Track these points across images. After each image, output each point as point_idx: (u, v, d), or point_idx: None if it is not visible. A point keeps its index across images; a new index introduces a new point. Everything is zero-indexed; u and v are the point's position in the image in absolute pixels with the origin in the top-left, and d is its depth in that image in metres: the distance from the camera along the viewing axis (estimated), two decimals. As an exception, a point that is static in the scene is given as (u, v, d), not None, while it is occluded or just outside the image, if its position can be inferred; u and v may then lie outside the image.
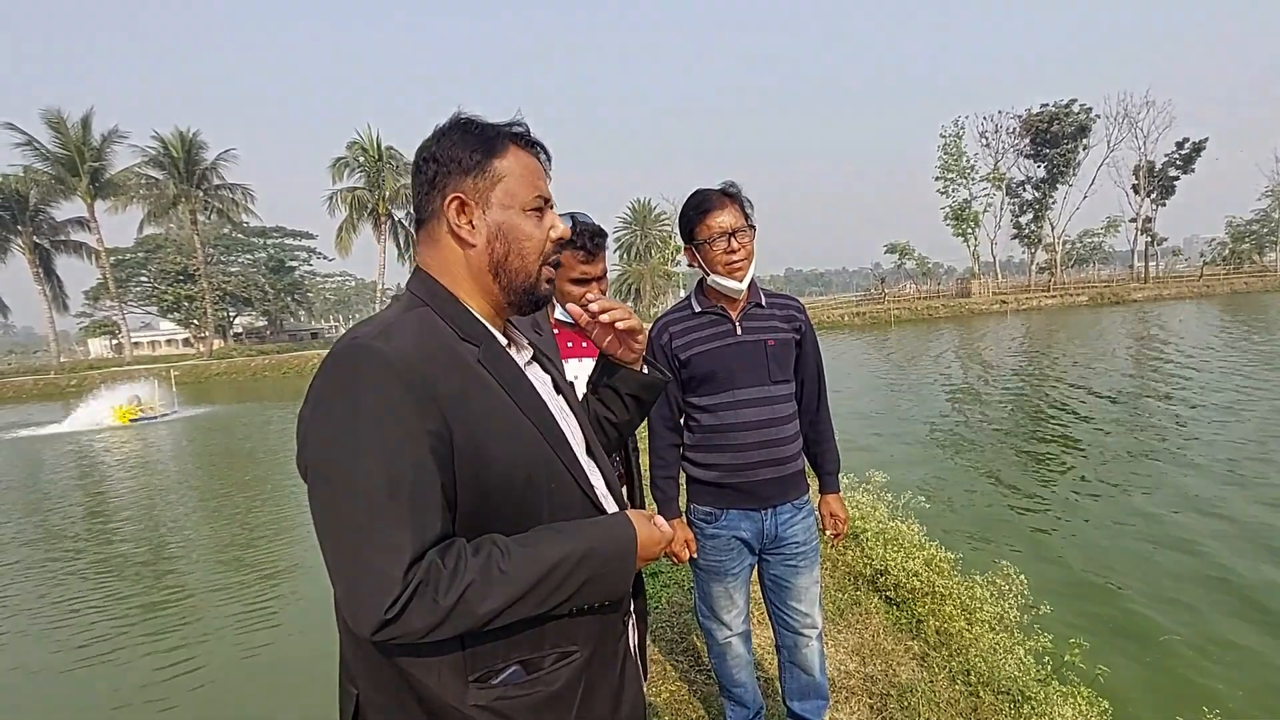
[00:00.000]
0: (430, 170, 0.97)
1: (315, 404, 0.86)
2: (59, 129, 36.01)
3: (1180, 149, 46.71)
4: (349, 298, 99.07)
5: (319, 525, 0.83)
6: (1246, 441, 7.93)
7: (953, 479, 7.52)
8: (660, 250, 54.86)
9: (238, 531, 7.67)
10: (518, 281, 1.01)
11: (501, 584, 0.82)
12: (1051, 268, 49.04)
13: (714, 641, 2.18)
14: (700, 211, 1.91)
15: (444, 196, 0.97)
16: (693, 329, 2.01)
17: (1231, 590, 4.49)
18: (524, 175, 1.00)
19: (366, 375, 0.84)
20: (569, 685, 0.94)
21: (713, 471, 2.01)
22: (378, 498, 0.80)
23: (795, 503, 2.05)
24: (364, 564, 0.79)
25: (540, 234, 1.01)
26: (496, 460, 0.89)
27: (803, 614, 2.09)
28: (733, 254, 1.90)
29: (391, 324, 0.90)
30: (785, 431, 2.00)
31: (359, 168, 40.16)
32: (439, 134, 0.99)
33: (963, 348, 22.92)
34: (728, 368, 1.96)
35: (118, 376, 28.65)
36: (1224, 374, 12.78)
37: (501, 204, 0.98)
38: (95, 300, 54.04)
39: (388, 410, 0.82)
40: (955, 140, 46.01)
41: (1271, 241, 50.70)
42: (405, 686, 0.89)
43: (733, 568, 2.06)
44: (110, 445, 15.21)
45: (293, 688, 4.19)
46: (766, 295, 2.06)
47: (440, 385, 0.86)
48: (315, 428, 0.85)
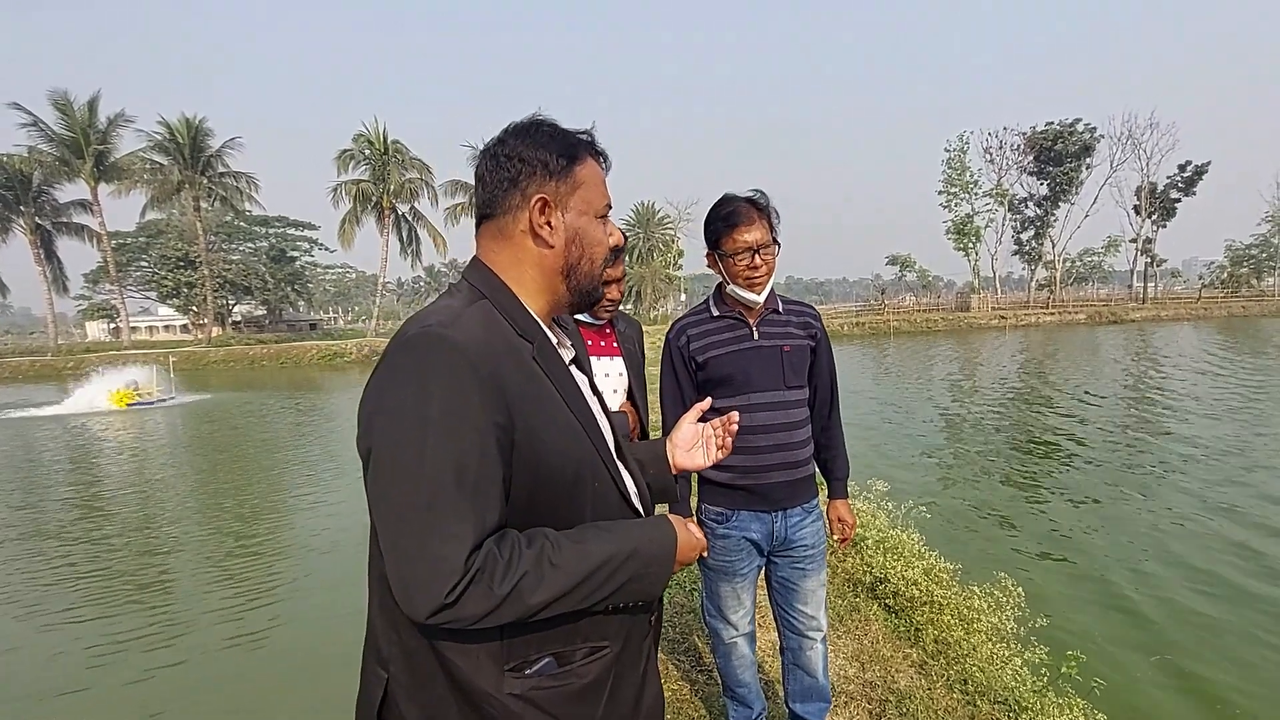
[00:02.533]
0: (514, 168, 0.98)
1: (383, 388, 0.88)
2: (65, 111, 35.92)
3: (1182, 171, 47.01)
4: (349, 290, 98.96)
5: (380, 507, 0.85)
6: (1228, 454, 7.99)
7: (949, 494, 7.56)
8: (663, 254, 54.94)
9: (230, 519, 7.69)
10: (585, 285, 1.04)
11: (552, 576, 0.85)
12: (1051, 285, 49.21)
13: (720, 641, 2.21)
14: (729, 225, 1.94)
15: (525, 195, 0.98)
16: (710, 332, 2.05)
17: (1229, 606, 4.54)
18: (598, 184, 1.04)
19: (439, 363, 0.85)
20: (599, 679, 0.97)
21: (726, 473, 2.03)
22: (445, 485, 0.82)
23: (805, 506, 2.09)
24: (427, 550, 0.81)
25: (606, 240, 1.06)
26: (550, 455, 0.92)
27: (809, 616, 2.12)
28: (755, 269, 1.93)
29: (460, 314, 0.92)
30: (798, 436, 2.05)
31: (364, 160, 40.18)
32: (519, 133, 1.00)
33: (964, 364, 22.98)
34: (744, 371, 1.99)
35: (115, 360, 28.51)
36: (1217, 399, 12.86)
37: (579, 209, 1.01)
38: (95, 283, 53.87)
39: (459, 399, 0.84)
40: (960, 155, 46.23)
41: (1270, 267, 50.91)
42: (441, 673, 0.91)
43: (741, 568, 2.09)
44: (107, 428, 15.20)
45: (287, 674, 4.21)
46: (784, 302, 2.10)
47: (506, 378, 0.88)
48: (384, 412, 0.86)
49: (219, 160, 40.32)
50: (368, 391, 0.90)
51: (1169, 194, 47.62)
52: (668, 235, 56.28)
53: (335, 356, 35.53)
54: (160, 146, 38.42)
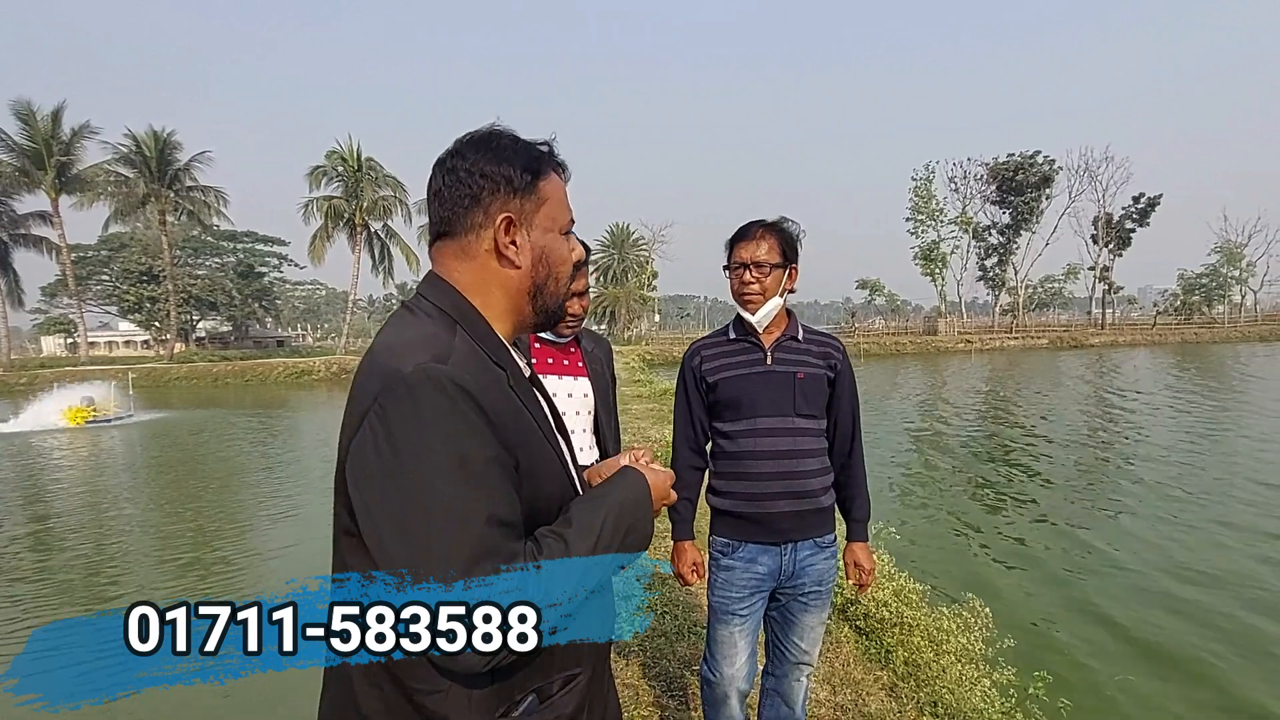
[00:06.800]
0: (475, 185, 0.93)
1: (380, 431, 0.82)
2: (28, 121, 34.99)
3: (1136, 203, 49.08)
4: (319, 307, 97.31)
5: (390, 555, 0.81)
6: (1184, 479, 8.24)
7: (919, 514, 7.65)
8: (637, 275, 55.25)
9: (185, 541, 7.42)
10: (551, 304, 1.02)
11: (570, 561, 0.86)
12: (1014, 310, 50.63)
13: (709, 690, 2.10)
14: (733, 240, 1.98)
15: (489, 214, 0.94)
16: (724, 354, 2.03)
17: (1186, 626, 4.65)
18: (560, 198, 1.00)
19: (446, 401, 0.82)
20: (577, 709, 0.96)
21: (729, 500, 1.99)
22: (486, 534, 0.80)
23: (818, 541, 1.99)
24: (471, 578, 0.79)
25: (570, 256, 1.03)
26: (540, 483, 0.92)
27: (802, 651, 2.05)
28: (745, 285, 1.93)
29: (451, 347, 0.88)
30: (808, 465, 1.96)
31: (336, 177, 39.80)
32: (478, 145, 0.95)
33: (933, 386, 23.40)
34: (751, 395, 1.95)
35: (72, 376, 27.57)
36: (1175, 424, 13.28)
37: (544, 227, 0.98)
38: (52, 297, 52.04)
39: (475, 436, 0.82)
40: (926, 184, 47.59)
41: (1220, 295, 53.11)
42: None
43: (740, 609, 1.99)
44: (58, 448, 14.62)
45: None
46: (806, 331, 2.06)
47: (503, 415, 0.87)
48: (379, 456, 0.81)
49: (187, 174, 39.55)
50: (363, 429, 0.84)
51: (1124, 224, 49.57)
52: (642, 256, 56.69)
53: (303, 374, 34.78)
54: (126, 159, 37.57)
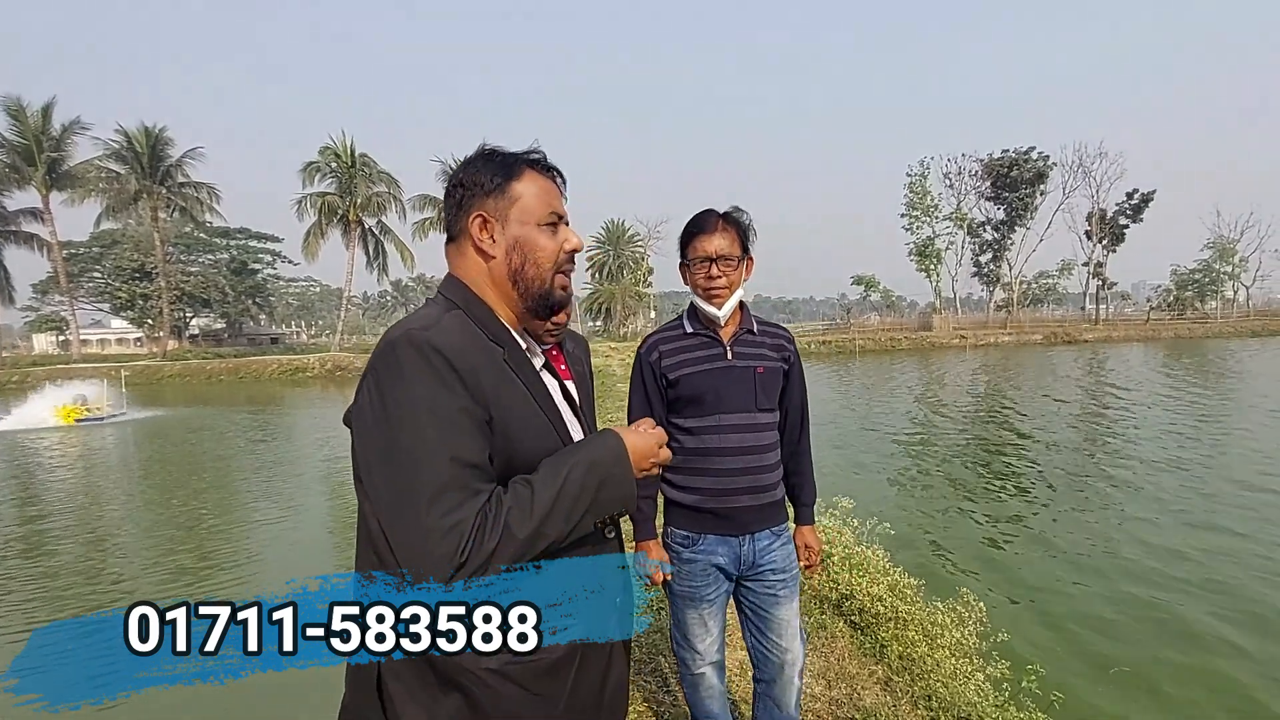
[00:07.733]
0: (458, 194, 1.11)
1: (372, 388, 0.96)
2: (18, 117, 34.69)
3: (1130, 199, 49.24)
4: (313, 304, 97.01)
5: (380, 494, 0.94)
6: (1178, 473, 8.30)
7: (914, 508, 7.68)
8: (633, 271, 55.19)
9: (183, 541, 7.40)
10: (534, 288, 1.12)
11: (530, 502, 0.95)
12: (1009, 306, 50.81)
13: (687, 670, 2.11)
14: (690, 233, 1.93)
15: (468, 215, 1.10)
16: (683, 349, 1.99)
17: (1178, 622, 4.68)
18: (540, 195, 1.13)
19: (422, 359, 0.95)
20: (566, 657, 1.05)
21: (692, 495, 1.99)
22: (441, 466, 0.91)
23: (774, 530, 2.01)
24: (428, 526, 0.89)
25: (554, 245, 1.13)
26: (520, 446, 1.02)
27: (782, 649, 2.02)
28: (712, 280, 1.90)
29: (438, 320, 1.02)
30: (767, 460, 1.99)
31: (330, 173, 39.58)
32: (465, 163, 1.13)
33: (928, 381, 23.47)
34: (715, 391, 1.94)
35: (64, 374, 27.44)
36: (1168, 420, 13.36)
37: (519, 220, 1.11)
38: (44, 294, 51.69)
39: (444, 389, 0.94)
40: (920, 180, 47.68)
41: (1212, 290, 53.43)
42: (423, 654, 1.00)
43: (708, 594, 2.00)
44: (51, 446, 14.54)
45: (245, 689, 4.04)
46: (759, 323, 2.05)
47: (481, 375, 0.99)
48: (372, 408, 0.96)
49: (179, 170, 39.33)
50: (360, 390, 0.99)
51: (1118, 220, 49.75)
52: (637, 252, 56.62)
53: (297, 371, 34.64)
54: (117, 155, 37.35)
